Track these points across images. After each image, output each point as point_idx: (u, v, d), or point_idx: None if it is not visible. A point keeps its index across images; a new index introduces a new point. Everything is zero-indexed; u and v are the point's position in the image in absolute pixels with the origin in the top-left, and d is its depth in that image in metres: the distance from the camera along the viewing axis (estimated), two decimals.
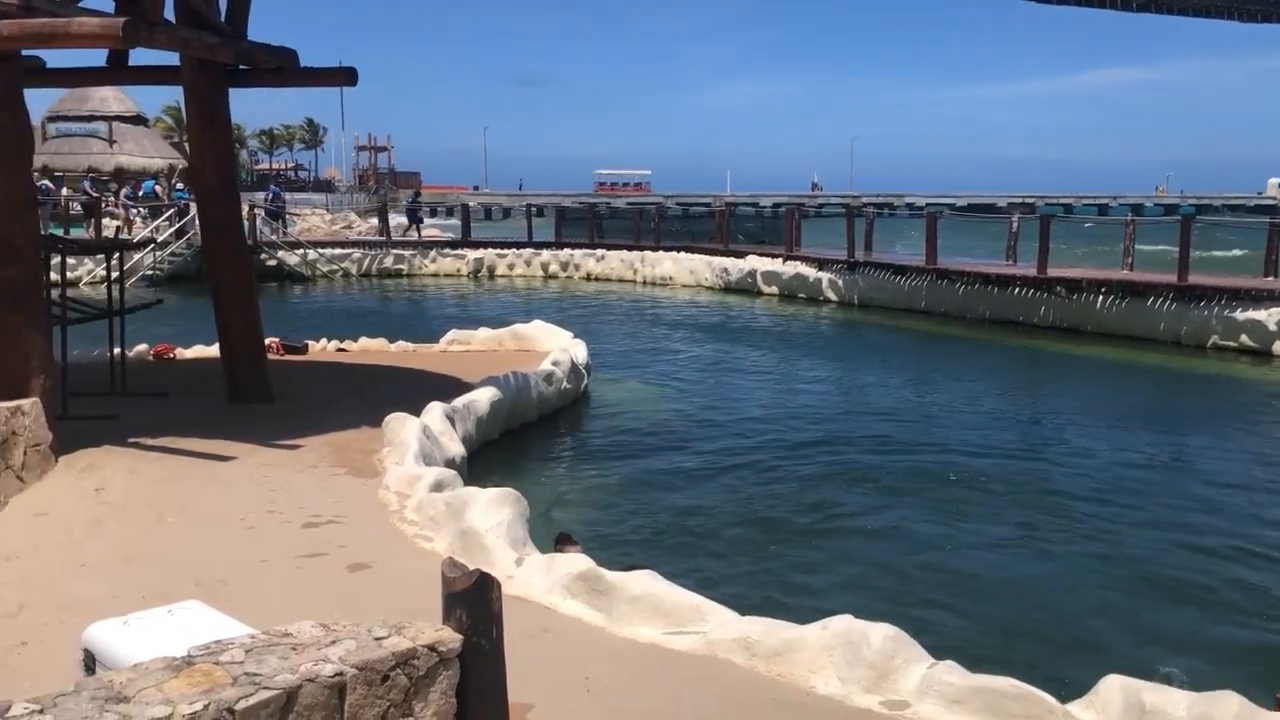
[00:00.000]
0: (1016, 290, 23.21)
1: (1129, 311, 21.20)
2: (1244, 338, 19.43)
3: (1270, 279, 20.78)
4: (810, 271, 28.65)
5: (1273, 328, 19.03)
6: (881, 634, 5.06)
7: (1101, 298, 21.71)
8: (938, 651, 5.14)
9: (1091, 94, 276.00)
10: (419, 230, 39.25)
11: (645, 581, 5.78)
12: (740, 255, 31.56)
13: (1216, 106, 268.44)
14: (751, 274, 30.31)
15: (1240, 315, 19.50)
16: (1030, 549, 8.98)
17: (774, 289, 29.59)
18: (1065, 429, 13.65)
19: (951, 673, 4.82)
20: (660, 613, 5.62)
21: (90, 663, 3.86)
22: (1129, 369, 18.51)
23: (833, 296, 27.73)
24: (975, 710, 4.64)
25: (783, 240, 31.64)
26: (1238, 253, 36.14)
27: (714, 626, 5.45)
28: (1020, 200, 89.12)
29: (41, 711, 2.70)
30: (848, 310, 26.58)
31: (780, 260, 29.98)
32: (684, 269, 33.04)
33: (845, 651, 5.04)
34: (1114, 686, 4.71)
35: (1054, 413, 15.03)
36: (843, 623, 5.22)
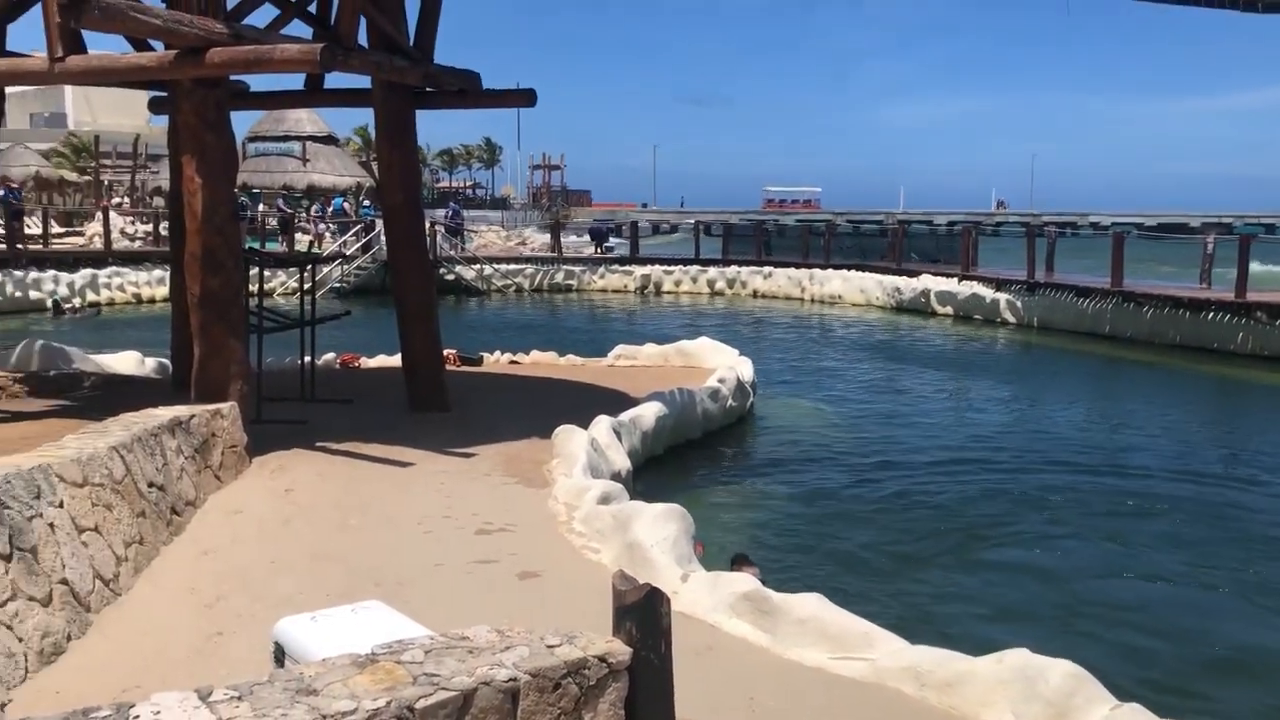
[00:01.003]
0: (1211, 315, 21.88)
1: None
2: None
3: None
4: (987, 292, 27.80)
5: None
6: (1060, 671, 4.84)
7: None
8: (1118, 692, 4.88)
9: None
10: (601, 249, 39.99)
11: (812, 604, 5.70)
12: (913, 274, 30.89)
13: None
14: (925, 294, 29.62)
15: None
16: (1220, 586, 8.42)
17: (948, 309, 28.83)
18: (1261, 463, 12.77)
19: (1137, 716, 4.57)
20: (827, 637, 5.53)
21: (280, 655, 4.06)
22: None
23: (1010, 318, 26.82)
24: None
25: (958, 259, 30.82)
26: None
27: (883, 654, 5.32)
28: (1215, 219, 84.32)
29: (240, 698, 2.86)
30: (1026, 333, 25.65)
31: (955, 280, 29.20)
32: (854, 288, 32.57)
33: (1021, 687, 4.84)
34: None
35: (1249, 446, 14.09)
36: (1019, 656, 5.01)
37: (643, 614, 3.32)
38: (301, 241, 35.56)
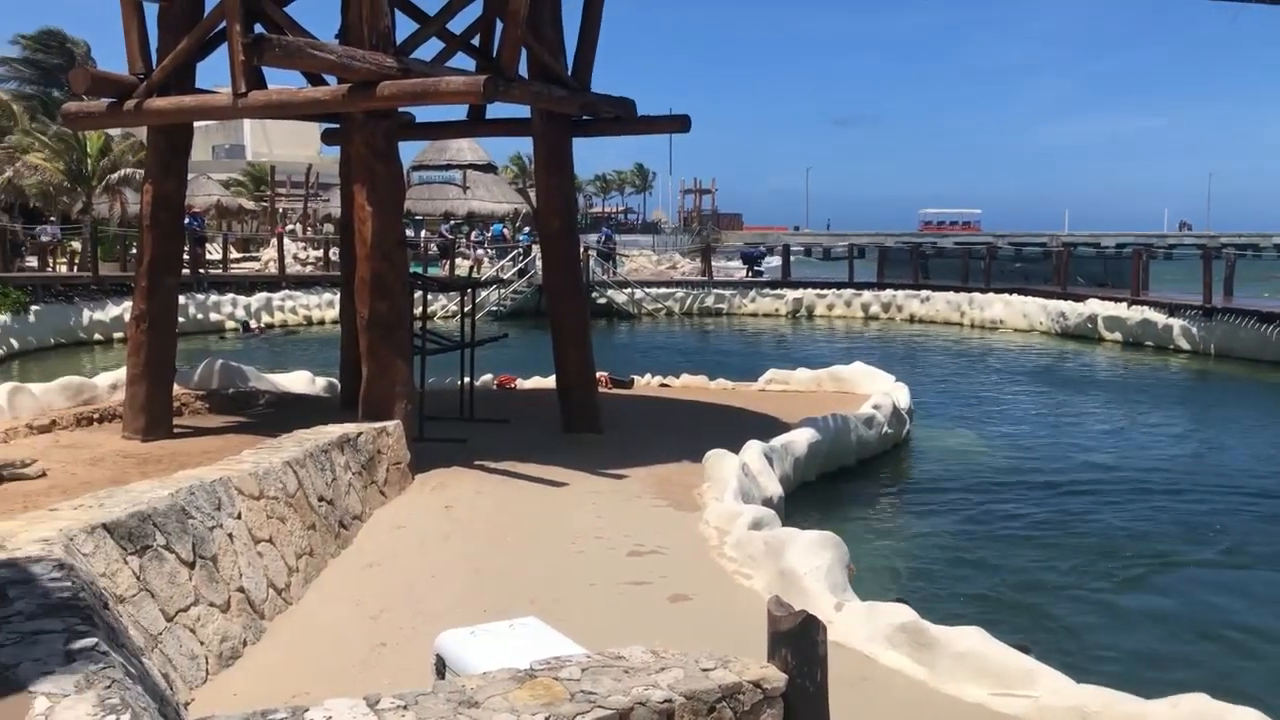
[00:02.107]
0: None
1: None
2: None
3: None
4: (1159, 317, 26.46)
5: None
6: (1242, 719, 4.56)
7: None
8: None
9: None
10: (751, 272, 39.96)
11: (973, 638, 5.53)
12: (1079, 299, 29.66)
13: None
14: (1092, 319, 28.43)
15: None
16: None
17: (1117, 335, 27.59)
18: None
19: None
20: (987, 672, 5.35)
21: (441, 667, 4.18)
22: None
23: (1185, 345, 25.46)
24: None
25: (1127, 283, 29.46)
26: None
27: (1046, 692, 5.11)
28: None
29: (405, 708, 2.96)
30: (1203, 361, 24.30)
31: (1125, 305, 27.90)
32: (1016, 312, 31.51)
33: None
34: None
35: None
36: (1197, 702, 4.75)
37: (798, 641, 3.29)
38: (461, 266, 36.67)
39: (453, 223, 41.35)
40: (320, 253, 37.02)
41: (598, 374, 13.38)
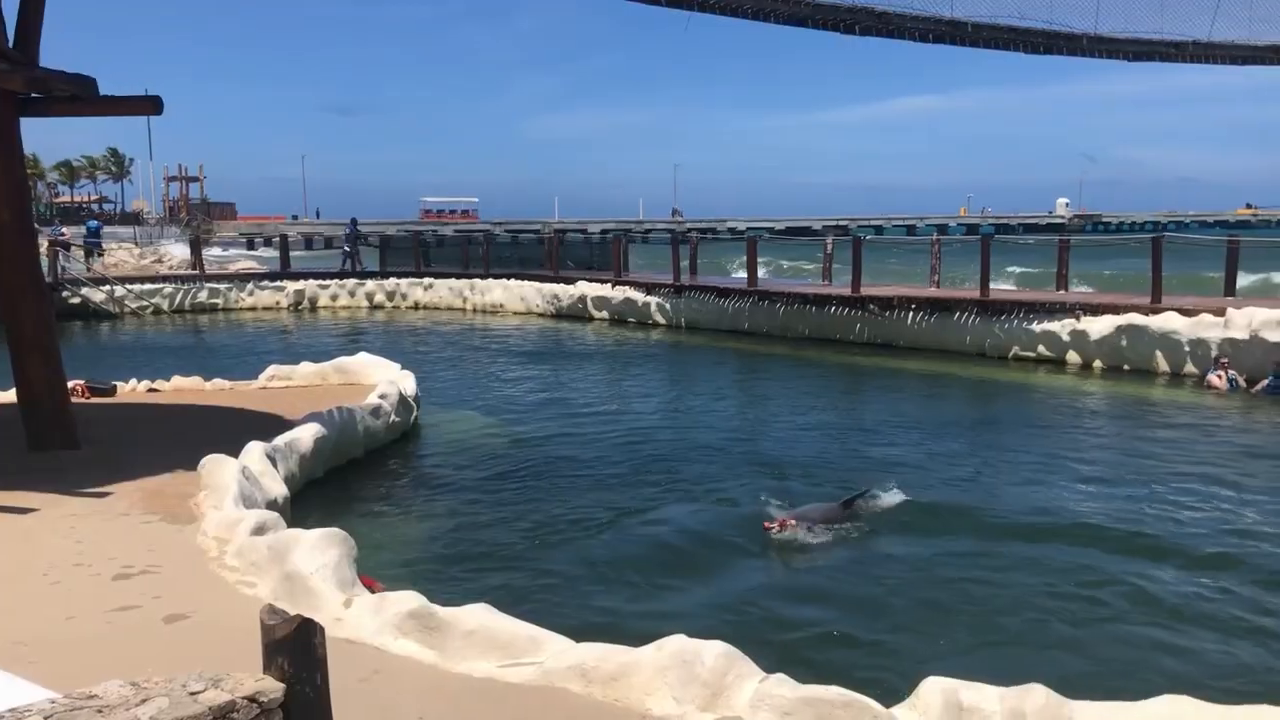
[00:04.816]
0: (833, 309, 24.14)
1: (937, 326, 22.34)
2: (1041, 348, 20.76)
3: (1061, 293, 22.25)
4: (639, 296, 29.07)
5: (1065, 338, 20.39)
6: (714, 651, 5.15)
7: (911, 314, 22.82)
8: (772, 665, 5.26)
9: (896, 121, 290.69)
10: (357, 261, 37.16)
11: (479, 615, 5.72)
12: (570, 281, 31.75)
13: (1010, 132, 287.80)
14: (582, 299, 30.54)
15: (1036, 327, 20.81)
16: (865, 558, 9.26)
17: (604, 314, 29.89)
18: (876, 439, 14.17)
19: (782, 685, 4.95)
20: (496, 646, 5.56)
21: None
22: (938, 381, 19.46)
23: (661, 319, 28.19)
24: None
25: (611, 266, 32.01)
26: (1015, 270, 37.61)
27: (550, 656, 5.43)
28: (834, 223, 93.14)
29: None
30: (675, 333, 27.09)
31: (609, 285, 30.31)
32: (514, 296, 33.02)
33: (679, 671, 5.10)
34: (933, 689, 4.93)
35: (866, 423, 15.58)
36: (676, 642, 5.28)
37: (295, 647, 3.19)
38: None
39: None
40: None
41: (71, 383, 12.03)
